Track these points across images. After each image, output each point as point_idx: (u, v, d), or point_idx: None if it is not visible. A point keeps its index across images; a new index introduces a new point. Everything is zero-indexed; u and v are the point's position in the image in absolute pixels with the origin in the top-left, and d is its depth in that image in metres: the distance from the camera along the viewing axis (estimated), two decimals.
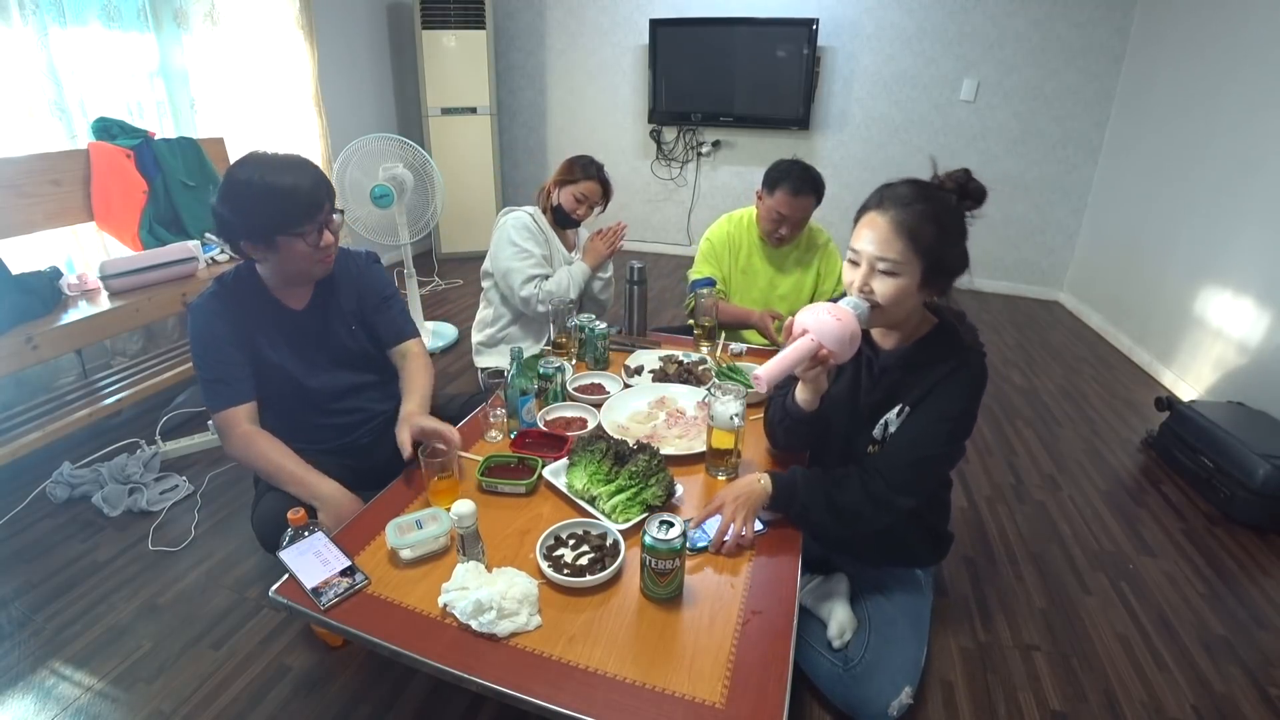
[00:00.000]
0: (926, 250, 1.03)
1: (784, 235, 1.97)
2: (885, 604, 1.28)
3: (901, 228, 1.03)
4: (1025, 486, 2.07)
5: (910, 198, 1.05)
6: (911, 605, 1.28)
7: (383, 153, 2.77)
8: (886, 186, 1.09)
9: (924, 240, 1.02)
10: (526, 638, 0.89)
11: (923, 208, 1.03)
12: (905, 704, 1.14)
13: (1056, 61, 3.62)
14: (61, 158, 2.19)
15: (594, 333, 1.70)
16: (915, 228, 1.02)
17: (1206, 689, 1.36)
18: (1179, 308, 2.84)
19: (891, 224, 1.03)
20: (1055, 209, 3.91)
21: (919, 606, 1.29)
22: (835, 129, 4.12)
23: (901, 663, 1.18)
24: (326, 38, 3.47)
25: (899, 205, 1.04)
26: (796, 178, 1.87)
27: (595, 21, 4.33)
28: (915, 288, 1.05)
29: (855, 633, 1.25)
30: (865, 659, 1.19)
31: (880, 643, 1.21)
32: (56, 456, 1.94)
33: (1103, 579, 1.67)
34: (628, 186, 4.69)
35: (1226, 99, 2.71)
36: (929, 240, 1.02)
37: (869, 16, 3.84)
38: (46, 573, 1.58)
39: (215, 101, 2.97)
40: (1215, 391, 2.52)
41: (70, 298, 2.05)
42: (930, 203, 1.04)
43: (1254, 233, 2.47)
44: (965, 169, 1.10)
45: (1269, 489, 1.81)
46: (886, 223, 1.04)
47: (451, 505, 1.00)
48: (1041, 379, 2.90)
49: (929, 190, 1.07)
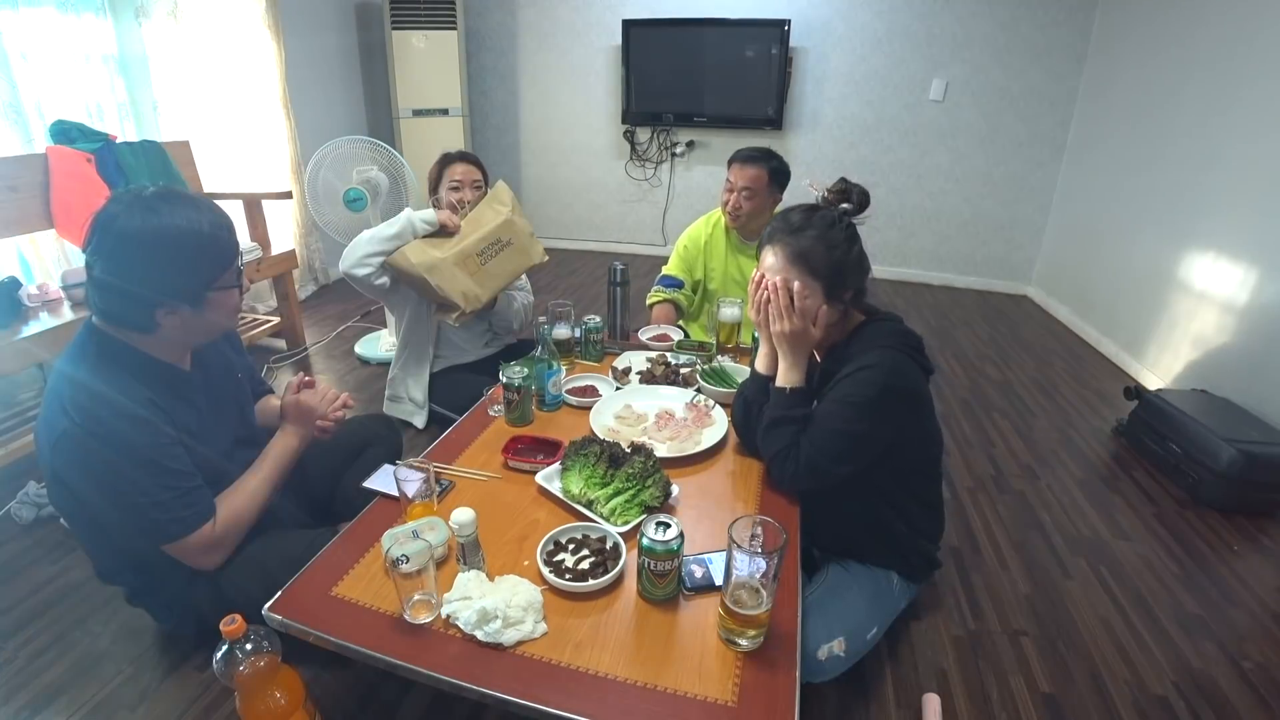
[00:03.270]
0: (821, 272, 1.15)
1: (740, 209, 2.00)
2: (845, 574, 1.28)
3: (792, 257, 1.16)
4: (1005, 477, 2.12)
5: (796, 225, 1.17)
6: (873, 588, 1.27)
7: (355, 155, 2.72)
8: (777, 217, 1.22)
9: (815, 263, 1.15)
10: (533, 645, 0.88)
11: (811, 233, 1.15)
12: (836, 654, 1.12)
13: (1022, 62, 3.73)
14: (17, 163, 2.10)
15: (588, 327, 1.75)
16: (805, 253, 1.15)
17: (1185, 665, 1.41)
18: (1143, 300, 2.95)
19: (780, 255, 1.17)
20: (1022, 205, 4.02)
21: (881, 595, 1.28)
22: (808, 129, 4.17)
23: (842, 617, 1.18)
24: (294, 37, 3.39)
25: (787, 234, 1.17)
26: (746, 151, 1.98)
27: (568, 22, 4.31)
28: (822, 303, 1.17)
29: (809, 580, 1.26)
30: (809, 599, 1.18)
31: (828, 593, 1.22)
32: (20, 475, 1.85)
33: (1083, 564, 1.73)
34: (602, 188, 4.68)
35: (1185, 98, 2.82)
36: (821, 262, 1.15)
37: (840, 18, 3.89)
38: (15, 598, 1.50)
39: (179, 103, 2.88)
40: (1180, 380, 2.62)
41: (30, 309, 1.96)
42: (815, 227, 1.16)
43: (1213, 226, 2.57)
44: (842, 178, 1.23)
45: (1234, 472, 1.89)
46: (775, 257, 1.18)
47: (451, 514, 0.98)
48: (1015, 372, 2.98)
49: (811, 217, 1.18)
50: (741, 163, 1.97)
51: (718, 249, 2.14)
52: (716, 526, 1.13)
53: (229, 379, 1.27)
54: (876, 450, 1.15)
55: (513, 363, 1.45)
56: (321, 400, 1.29)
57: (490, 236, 1.94)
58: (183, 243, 0.97)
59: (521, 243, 2.02)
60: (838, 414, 1.13)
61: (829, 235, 1.15)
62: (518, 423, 1.46)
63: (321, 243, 3.73)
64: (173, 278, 0.98)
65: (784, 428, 1.18)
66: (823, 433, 1.14)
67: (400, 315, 2.07)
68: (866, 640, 1.21)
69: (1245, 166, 2.42)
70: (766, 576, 0.85)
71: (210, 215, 1.02)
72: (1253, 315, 2.31)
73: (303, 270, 3.65)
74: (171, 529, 1.04)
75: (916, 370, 1.17)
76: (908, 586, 1.35)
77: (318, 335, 3.14)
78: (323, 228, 2.84)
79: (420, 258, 1.82)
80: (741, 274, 2.13)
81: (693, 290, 2.20)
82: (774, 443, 1.19)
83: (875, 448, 1.15)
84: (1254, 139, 2.39)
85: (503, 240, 1.97)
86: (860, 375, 1.12)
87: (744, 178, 1.97)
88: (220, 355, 1.26)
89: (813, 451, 1.14)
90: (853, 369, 1.14)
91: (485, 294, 1.95)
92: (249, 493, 1.16)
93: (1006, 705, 1.30)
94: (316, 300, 3.69)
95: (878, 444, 1.14)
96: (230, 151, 3.14)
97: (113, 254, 0.95)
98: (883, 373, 1.11)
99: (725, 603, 0.88)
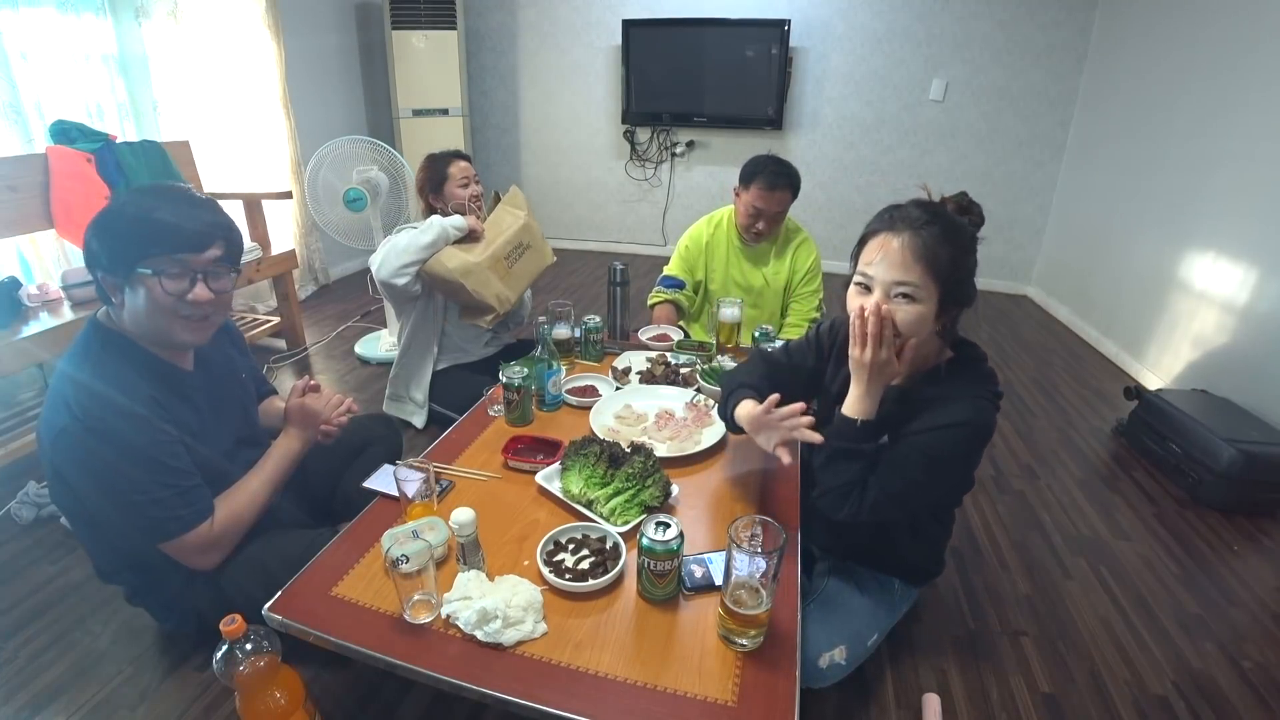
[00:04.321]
0: (944, 275, 0.98)
1: (761, 230, 1.99)
2: (847, 580, 1.27)
3: (918, 251, 0.97)
4: (1005, 477, 2.12)
5: (924, 219, 0.99)
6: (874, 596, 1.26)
7: (356, 155, 2.73)
8: (895, 208, 1.04)
9: (941, 264, 0.97)
10: (533, 645, 0.88)
11: (939, 229, 0.98)
12: (838, 662, 1.11)
13: (1022, 62, 3.73)
14: (17, 162, 2.10)
15: (588, 327, 1.76)
16: (932, 250, 0.97)
17: (1185, 665, 1.41)
18: (1143, 300, 2.95)
19: (906, 247, 0.98)
20: (1022, 205, 4.02)
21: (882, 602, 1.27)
22: (808, 128, 4.17)
23: (843, 625, 1.17)
24: (294, 37, 3.39)
25: (913, 227, 0.99)
26: (772, 172, 1.90)
27: (568, 22, 4.31)
28: (933, 315, 1.00)
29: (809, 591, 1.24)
30: (811, 608, 1.18)
31: (829, 601, 1.21)
32: (20, 475, 1.85)
33: (1083, 564, 1.72)
34: (602, 187, 4.69)
35: (1185, 97, 2.82)
36: (946, 264, 0.97)
37: (840, 18, 3.89)
38: (15, 598, 1.50)
39: (179, 102, 2.88)
40: (1180, 380, 2.62)
41: (30, 309, 1.96)
42: (943, 224, 0.99)
43: (1213, 226, 2.57)
44: (964, 192, 1.07)
45: (1234, 472, 1.89)
46: (900, 245, 0.98)
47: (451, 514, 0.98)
48: (1015, 371, 2.98)
49: (940, 211, 1.02)
50: (768, 189, 1.90)
51: (719, 250, 2.13)
52: (716, 526, 1.13)
53: (232, 379, 1.27)
54: (930, 503, 1.13)
55: (513, 363, 1.46)
56: (326, 405, 1.29)
57: (514, 240, 1.99)
58: (126, 213, 0.99)
59: (538, 244, 2.08)
60: (919, 465, 1.03)
61: (957, 237, 0.99)
62: (518, 423, 1.46)
63: (321, 243, 3.73)
64: (106, 240, 0.99)
65: (850, 463, 1.06)
66: (898, 480, 1.04)
67: (406, 317, 2.08)
68: (867, 647, 1.20)
69: (1245, 166, 2.42)
70: (766, 576, 0.85)
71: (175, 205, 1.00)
72: (1253, 315, 2.31)
73: (303, 270, 3.65)
74: (169, 527, 1.04)
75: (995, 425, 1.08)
76: (909, 591, 1.34)
77: (318, 335, 3.14)
78: (323, 228, 2.84)
79: (455, 263, 1.85)
80: (743, 275, 2.13)
81: (694, 291, 2.19)
82: (835, 476, 1.08)
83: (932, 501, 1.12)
84: (1254, 139, 2.38)
85: (524, 243, 2.03)
86: (956, 433, 1.01)
87: (773, 203, 1.92)
88: (224, 355, 1.26)
89: (882, 496, 1.04)
90: (948, 420, 1.01)
91: (514, 295, 1.99)
92: (249, 493, 1.16)
93: (1006, 705, 1.30)
94: (316, 300, 3.69)
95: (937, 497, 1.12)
96: (230, 151, 3.14)
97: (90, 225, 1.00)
98: (976, 435, 1.03)
99: (725, 603, 0.88)
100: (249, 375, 1.33)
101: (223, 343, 1.26)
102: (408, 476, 1.08)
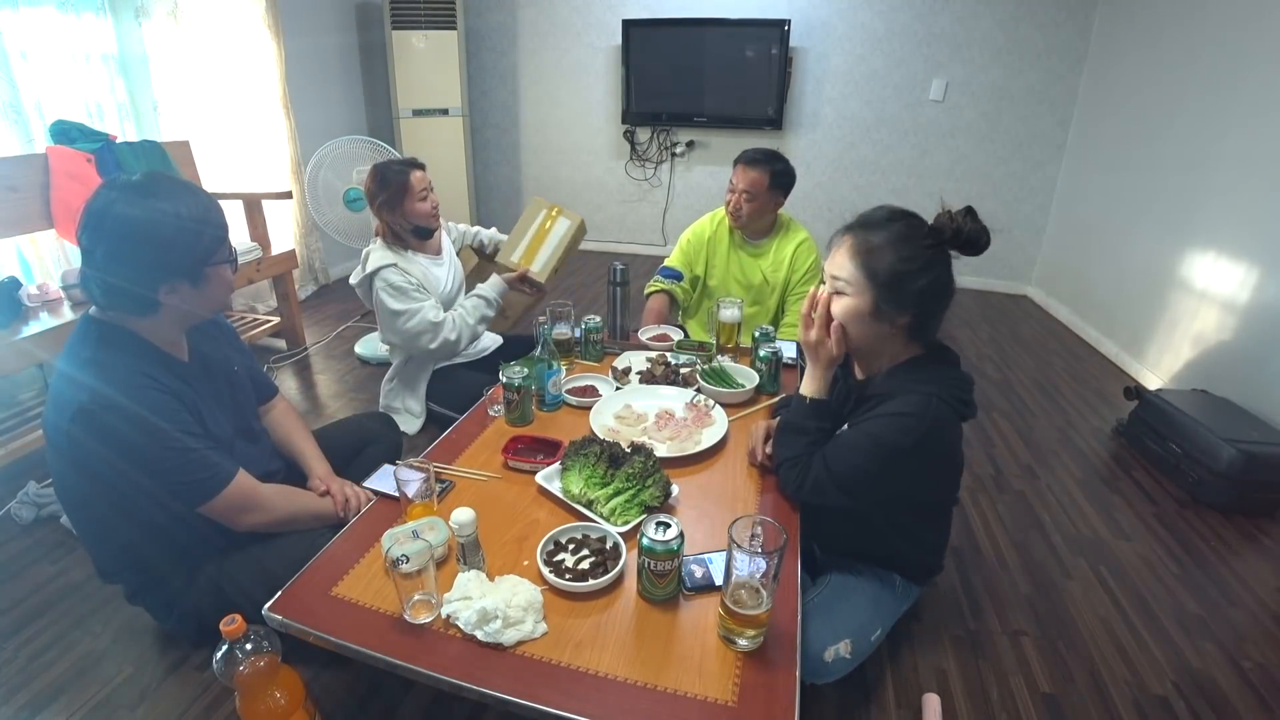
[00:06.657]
0: (880, 277, 1.05)
1: (743, 210, 2.01)
2: (850, 575, 1.27)
3: (854, 250, 1.07)
4: (1005, 477, 2.12)
5: (878, 223, 1.08)
6: (877, 590, 1.26)
7: (355, 155, 2.73)
8: (869, 210, 1.13)
9: (879, 266, 1.05)
10: (533, 645, 0.88)
11: (887, 235, 1.06)
12: (843, 656, 1.12)
13: (1022, 62, 3.73)
14: (17, 162, 2.10)
15: (588, 327, 1.76)
16: (870, 252, 1.06)
17: (1185, 665, 1.41)
18: (1143, 300, 2.95)
19: (847, 245, 1.09)
20: (1022, 205, 4.02)
21: (884, 597, 1.27)
22: (808, 129, 4.17)
23: (847, 619, 1.17)
24: (294, 37, 3.39)
25: (865, 228, 1.09)
26: (751, 153, 1.98)
27: (568, 22, 4.31)
28: (867, 313, 1.08)
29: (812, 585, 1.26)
30: (814, 602, 1.19)
31: (833, 596, 1.22)
32: (21, 475, 1.85)
33: (1083, 564, 1.72)
34: (602, 187, 4.68)
35: (1185, 97, 2.82)
36: (884, 267, 1.05)
37: (840, 18, 3.89)
38: (15, 598, 1.50)
39: (179, 103, 2.88)
40: (1180, 380, 2.62)
41: (30, 309, 1.96)
42: (894, 232, 1.06)
43: (1213, 226, 2.57)
44: (970, 207, 1.08)
45: (1234, 472, 1.89)
46: (844, 243, 1.10)
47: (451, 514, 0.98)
48: (1015, 372, 2.98)
49: (899, 219, 1.09)
50: (746, 165, 1.97)
51: (720, 246, 2.14)
52: (716, 526, 1.13)
53: (227, 373, 1.28)
54: (880, 496, 1.14)
55: (513, 363, 1.45)
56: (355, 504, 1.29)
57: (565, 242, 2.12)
58: (181, 223, 1.01)
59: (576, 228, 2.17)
60: (863, 448, 1.09)
61: (905, 245, 1.05)
62: (518, 423, 1.46)
63: (321, 243, 3.73)
64: (175, 257, 1.02)
65: (797, 437, 1.18)
66: (840, 461, 1.11)
67: None
68: (871, 641, 1.20)
69: (1245, 166, 2.42)
70: (766, 576, 0.85)
71: (200, 196, 1.06)
72: (1253, 315, 2.31)
73: (303, 270, 3.65)
74: (208, 485, 1.08)
75: (957, 427, 1.11)
76: (910, 587, 1.34)
77: (318, 335, 3.14)
78: (323, 228, 2.84)
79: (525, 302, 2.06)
80: (743, 272, 2.13)
81: (691, 285, 2.20)
82: (784, 449, 1.20)
83: (880, 493, 1.13)
84: (1254, 139, 2.38)
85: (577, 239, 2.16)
86: (901, 421, 1.05)
87: (745, 180, 1.97)
88: (218, 350, 1.27)
89: (823, 473, 1.12)
90: (895, 409, 1.06)
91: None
92: (286, 494, 1.22)
93: (1006, 705, 1.30)
94: (316, 300, 3.69)
95: (886, 490, 1.12)
96: (230, 151, 3.14)
97: (114, 240, 0.98)
98: (923, 427, 1.04)
99: (725, 603, 0.88)
100: (244, 370, 1.33)
101: (217, 338, 1.27)
102: (408, 476, 1.08)
